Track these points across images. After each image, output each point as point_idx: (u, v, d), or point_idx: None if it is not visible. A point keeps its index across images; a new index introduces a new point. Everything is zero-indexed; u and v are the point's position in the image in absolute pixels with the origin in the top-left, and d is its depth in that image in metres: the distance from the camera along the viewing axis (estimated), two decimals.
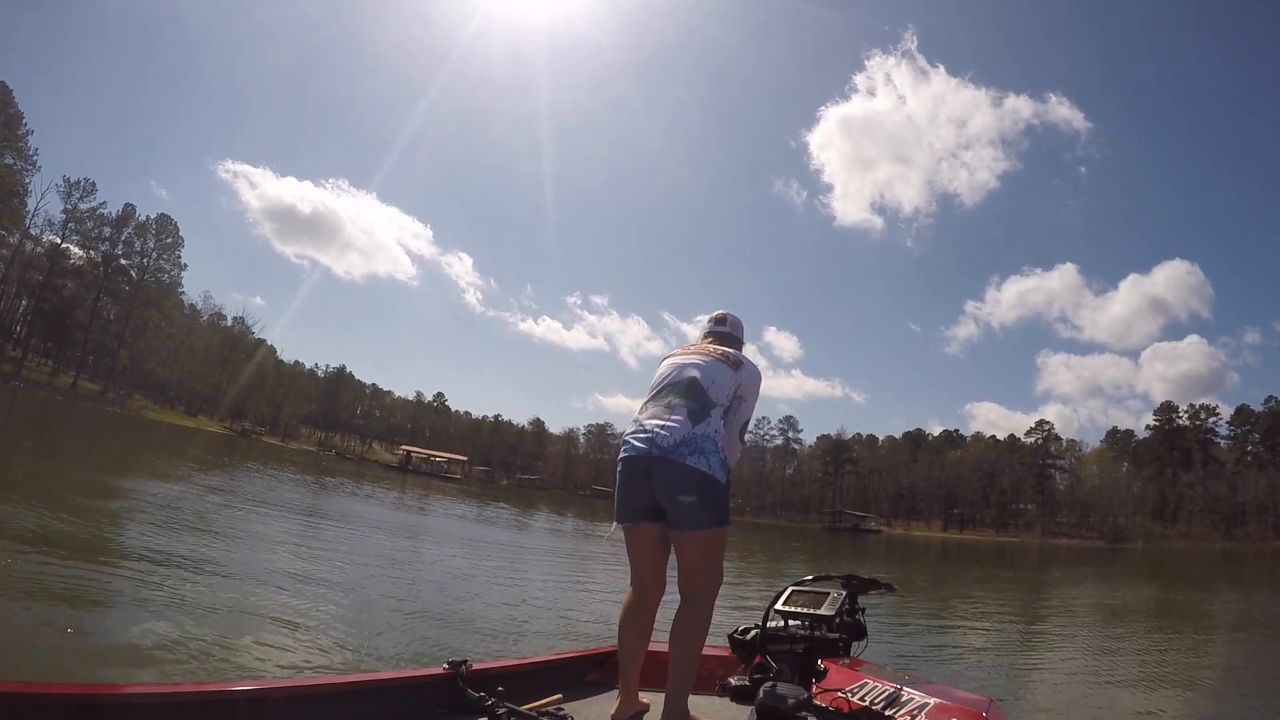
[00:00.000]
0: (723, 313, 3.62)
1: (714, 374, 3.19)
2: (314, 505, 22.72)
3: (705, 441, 2.98)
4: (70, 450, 25.06)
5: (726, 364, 3.24)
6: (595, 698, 3.41)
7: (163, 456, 30.51)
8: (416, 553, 16.03)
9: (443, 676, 2.84)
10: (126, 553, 9.12)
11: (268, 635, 6.59)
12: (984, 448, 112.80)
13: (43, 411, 45.84)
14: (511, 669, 3.31)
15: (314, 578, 9.93)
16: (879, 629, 6.33)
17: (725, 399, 3.17)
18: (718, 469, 2.97)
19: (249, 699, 2.29)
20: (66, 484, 14.66)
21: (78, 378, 79.05)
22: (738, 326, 3.60)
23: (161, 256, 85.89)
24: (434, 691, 2.82)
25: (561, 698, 3.09)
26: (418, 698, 2.79)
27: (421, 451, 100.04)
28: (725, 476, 3.00)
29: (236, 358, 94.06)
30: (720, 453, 3.02)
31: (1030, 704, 7.26)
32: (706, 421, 3.04)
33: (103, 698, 2.04)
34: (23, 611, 5.91)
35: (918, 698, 2.90)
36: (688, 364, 3.25)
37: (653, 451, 2.98)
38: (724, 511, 3.00)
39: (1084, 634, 13.62)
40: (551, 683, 3.34)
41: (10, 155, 73.04)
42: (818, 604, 3.83)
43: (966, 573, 31.72)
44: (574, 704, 3.14)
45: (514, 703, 2.71)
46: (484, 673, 3.01)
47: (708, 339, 3.52)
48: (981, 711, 2.83)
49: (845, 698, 3.01)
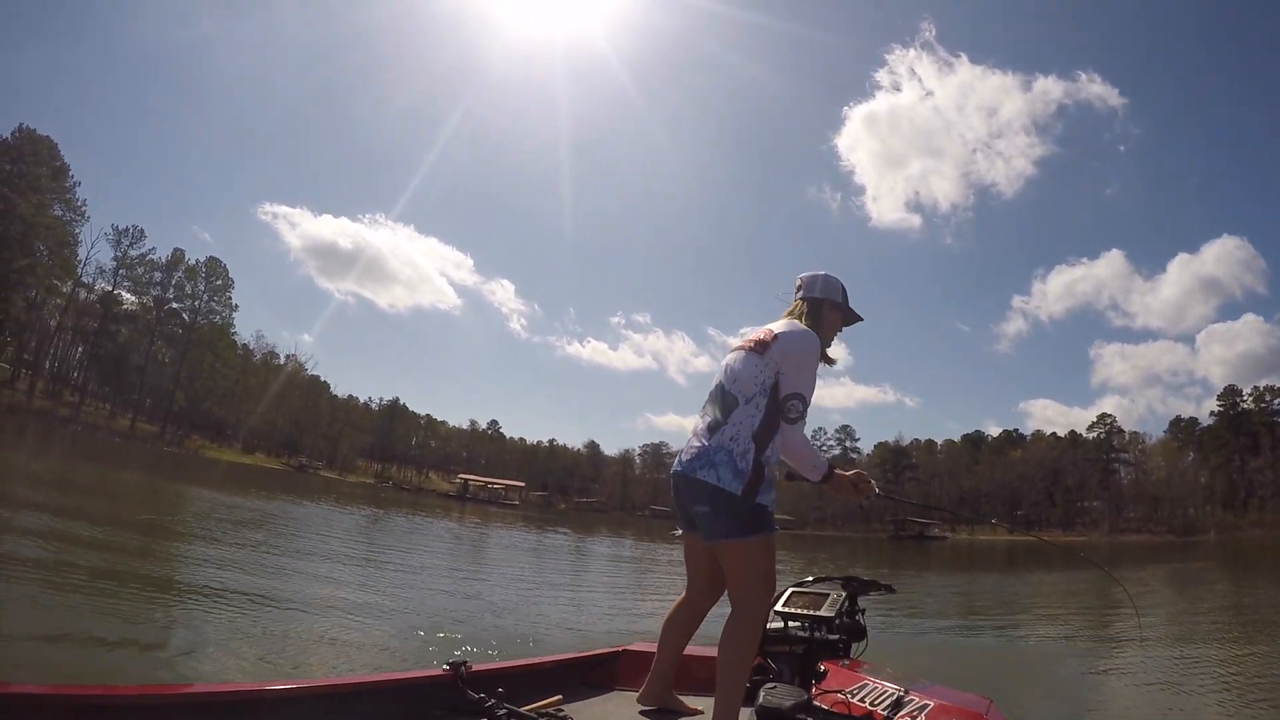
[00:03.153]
0: (803, 277, 3.34)
1: (737, 369, 3.08)
2: (372, 533, 22.56)
3: (717, 453, 2.92)
4: (129, 484, 25.24)
5: (754, 351, 3.07)
6: (595, 698, 3.44)
7: (224, 489, 30.56)
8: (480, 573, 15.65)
9: (443, 677, 2.80)
10: (176, 569, 9.27)
11: (292, 640, 6.49)
12: (1045, 446, 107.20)
13: (101, 452, 44.39)
14: (511, 670, 3.30)
15: (359, 599, 9.65)
16: (879, 630, 5.23)
17: (754, 389, 2.99)
18: (728, 480, 2.87)
19: (249, 699, 2.28)
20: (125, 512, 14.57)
21: (135, 420, 78.13)
22: (813, 286, 3.27)
23: (212, 298, 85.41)
24: (434, 692, 2.77)
25: (561, 698, 3.08)
26: (418, 699, 2.74)
27: (479, 479, 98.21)
28: (739, 486, 2.86)
29: (291, 395, 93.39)
30: (735, 461, 2.88)
31: (1031, 704, 7.05)
32: (723, 429, 2.96)
33: (103, 698, 2.01)
34: (54, 616, 5.79)
35: (918, 699, 2.94)
36: (724, 365, 3.19)
37: (676, 469, 3.03)
38: (744, 521, 2.89)
39: (1097, 633, 12.82)
40: (551, 683, 3.31)
41: (60, 206, 73.03)
42: (817, 605, 3.78)
43: (1036, 578, 28.14)
44: (574, 704, 3.15)
45: (514, 704, 2.72)
46: (484, 674, 2.98)
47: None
48: (981, 712, 2.89)
49: (845, 699, 3.04)
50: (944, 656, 10.05)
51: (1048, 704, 7.27)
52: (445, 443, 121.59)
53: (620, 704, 3.38)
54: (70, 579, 7.52)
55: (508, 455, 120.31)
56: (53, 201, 71.72)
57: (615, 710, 3.28)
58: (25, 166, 68.41)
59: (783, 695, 2.89)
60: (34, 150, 69.52)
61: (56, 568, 7.98)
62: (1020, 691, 7.51)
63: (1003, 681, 7.86)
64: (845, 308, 3.32)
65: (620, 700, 3.45)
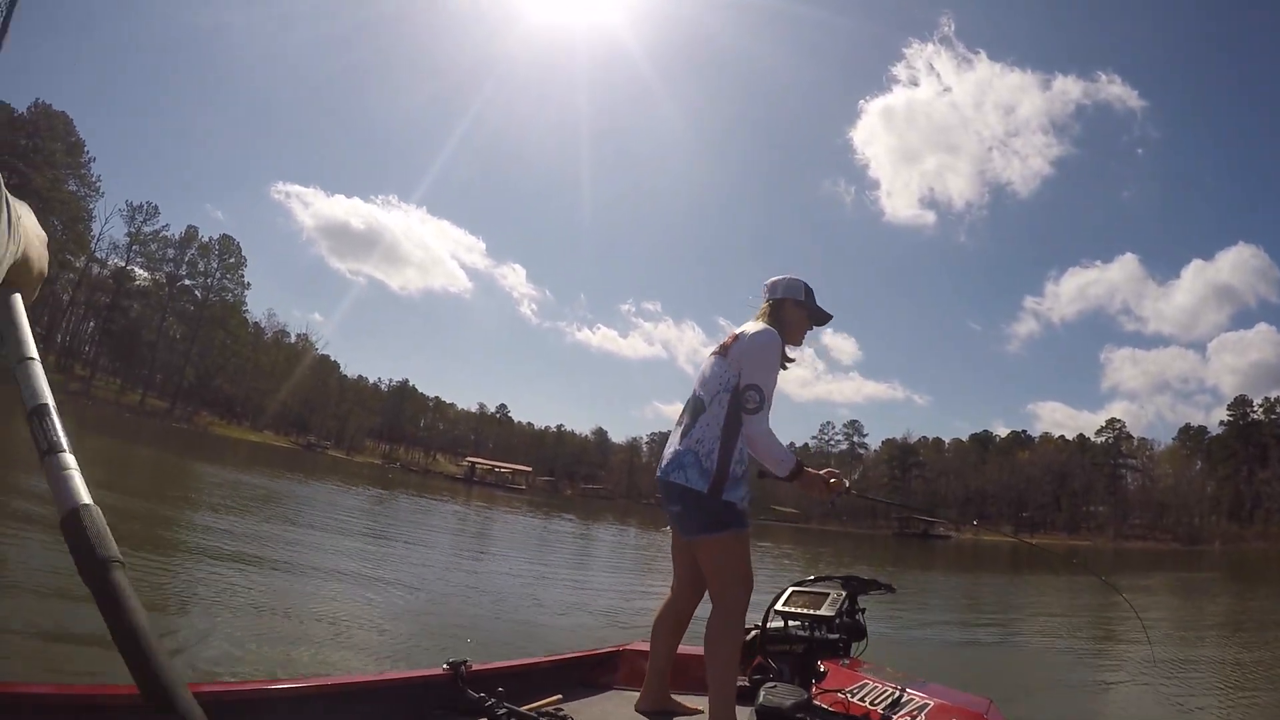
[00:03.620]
0: (768, 282, 3.44)
1: (706, 374, 3.19)
2: (376, 516, 22.13)
3: (685, 455, 3.01)
4: (148, 461, 25.36)
5: (719, 355, 3.19)
6: (595, 698, 3.45)
7: (233, 467, 30.55)
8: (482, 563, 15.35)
9: (442, 677, 2.76)
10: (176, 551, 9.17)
11: (287, 636, 6.43)
12: (1053, 448, 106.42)
13: (109, 426, 44.05)
14: (511, 669, 3.29)
15: (362, 581, 9.70)
16: (879, 629, 4.93)
17: (717, 388, 3.09)
18: (695, 480, 2.95)
19: (248, 699, 2.27)
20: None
21: (145, 395, 78.26)
22: (775, 289, 3.37)
23: (225, 276, 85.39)
24: (434, 692, 2.74)
25: (561, 698, 3.09)
26: (418, 698, 2.72)
27: (486, 463, 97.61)
28: (705, 484, 2.94)
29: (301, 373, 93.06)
30: (701, 461, 2.97)
31: (1031, 704, 7.04)
32: (691, 432, 3.05)
33: (103, 698, 1.97)
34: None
35: (918, 698, 2.94)
36: (699, 372, 3.30)
37: (657, 474, 3.12)
38: (713, 518, 2.96)
39: (1093, 635, 12.78)
40: (551, 683, 3.30)
41: (74, 182, 73.19)
42: (817, 605, 3.79)
43: (1039, 579, 27.80)
44: (574, 704, 3.15)
45: (514, 703, 2.71)
46: (484, 673, 2.96)
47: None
48: (981, 712, 2.90)
49: (845, 698, 3.04)
50: (944, 656, 10.00)
51: (1048, 704, 7.22)
52: (453, 425, 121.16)
53: (620, 703, 3.38)
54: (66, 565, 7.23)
55: (515, 440, 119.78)
56: (68, 177, 71.83)
57: (615, 709, 3.29)
58: (41, 141, 68.42)
59: (783, 694, 2.92)
60: (49, 125, 69.57)
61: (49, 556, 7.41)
62: (1020, 691, 7.44)
63: (1003, 681, 7.75)
64: (810, 305, 3.35)
65: (620, 699, 3.45)
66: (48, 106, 70.20)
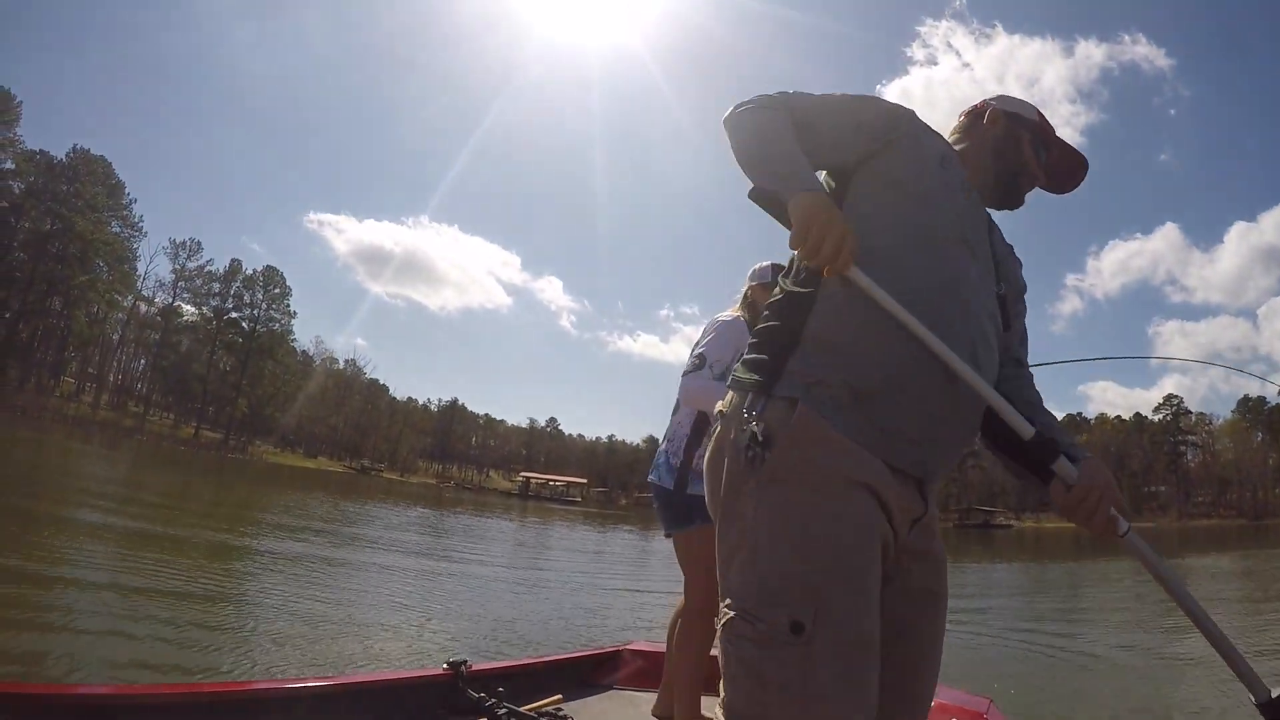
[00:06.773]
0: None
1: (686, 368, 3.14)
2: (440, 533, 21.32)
3: (659, 455, 3.01)
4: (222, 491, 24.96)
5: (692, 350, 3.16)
6: (595, 698, 3.37)
7: (291, 490, 30.53)
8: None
9: (443, 677, 2.74)
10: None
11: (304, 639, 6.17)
12: (1110, 429, 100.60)
13: (167, 460, 42.44)
14: (511, 669, 3.25)
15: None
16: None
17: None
18: (664, 478, 2.94)
19: (249, 699, 2.25)
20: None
21: (199, 428, 76.90)
22: (750, 277, 3.30)
23: (271, 307, 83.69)
24: (434, 692, 2.72)
25: (561, 698, 3.05)
26: (418, 698, 2.69)
27: (540, 477, 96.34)
28: (673, 480, 2.92)
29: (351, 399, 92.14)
30: (669, 459, 2.95)
31: (1031, 704, 6.53)
32: (666, 433, 3.05)
33: (103, 698, 1.99)
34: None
35: None
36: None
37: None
38: (679, 513, 2.91)
39: (1105, 627, 11.41)
40: (551, 683, 3.26)
41: (117, 223, 72.21)
42: None
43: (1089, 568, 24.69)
44: (574, 704, 3.12)
45: (514, 703, 2.69)
46: (484, 673, 2.94)
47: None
48: (982, 712, 2.86)
49: None
50: (944, 656, 7.16)
51: (1048, 704, 6.80)
52: (504, 441, 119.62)
53: (620, 703, 3.29)
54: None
55: (567, 452, 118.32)
56: (110, 219, 70.89)
57: (615, 709, 3.21)
58: (81, 186, 67.37)
59: None
60: (89, 170, 68.59)
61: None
62: (1020, 691, 7.00)
63: (1002, 681, 7.22)
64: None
65: (620, 700, 3.36)
66: (86, 151, 69.13)
